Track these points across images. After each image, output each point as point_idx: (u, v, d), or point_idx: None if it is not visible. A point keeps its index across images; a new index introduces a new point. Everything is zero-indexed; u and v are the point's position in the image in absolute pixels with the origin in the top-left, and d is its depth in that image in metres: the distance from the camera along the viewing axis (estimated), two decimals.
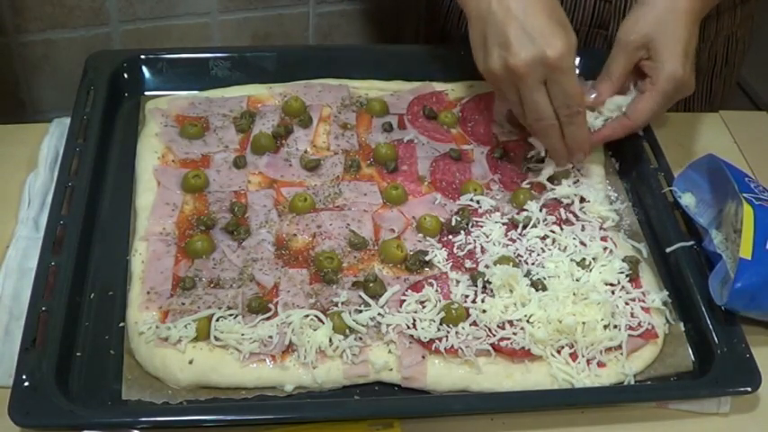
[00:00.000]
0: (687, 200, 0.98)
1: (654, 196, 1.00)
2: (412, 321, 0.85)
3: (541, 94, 0.93)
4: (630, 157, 1.06)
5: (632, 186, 1.04)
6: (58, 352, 0.80)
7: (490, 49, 0.93)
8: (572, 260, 0.92)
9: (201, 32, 1.69)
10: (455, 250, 0.92)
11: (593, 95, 1.00)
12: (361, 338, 0.84)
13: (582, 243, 0.94)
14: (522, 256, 0.92)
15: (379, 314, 0.85)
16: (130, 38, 1.65)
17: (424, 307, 0.86)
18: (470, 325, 0.85)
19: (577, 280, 0.90)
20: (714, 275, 0.89)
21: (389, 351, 0.83)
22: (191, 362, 0.81)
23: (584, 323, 0.85)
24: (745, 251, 0.86)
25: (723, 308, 0.87)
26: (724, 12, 1.22)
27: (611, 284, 0.90)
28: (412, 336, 0.84)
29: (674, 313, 0.90)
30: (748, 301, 0.85)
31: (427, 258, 0.91)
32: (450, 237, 0.94)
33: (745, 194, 0.90)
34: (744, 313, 0.88)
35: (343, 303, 0.86)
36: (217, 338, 0.82)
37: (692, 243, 0.94)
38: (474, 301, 0.87)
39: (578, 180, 1.01)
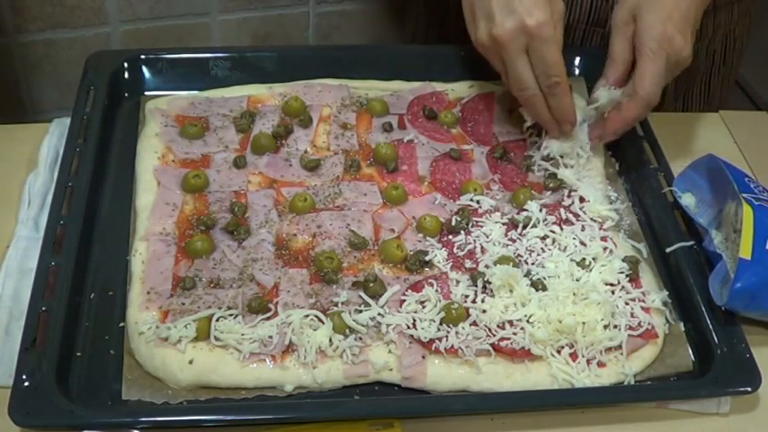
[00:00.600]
0: (687, 200, 0.98)
1: (654, 196, 1.00)
2: (412, 321, 0.85)
3: (522, 62, 0.96)
4: (630, 157, 1.06)
5: (632, 186, 1.04)
6: (58, 352, 0.80)
7: (478, 21, 0.97)
8: (572, 260, 0.92)
9: (201, 32, 1.69)
10: (455, 250, 0.92)
11: (602, 83, 1.01)
12: (361, 338, 0.84)
13: (582, 243, 0.94)
14: (522, 256, 0.92)
15: (379, 314, 0.85)
16: (130, 38, 1.66)
17: (424, 307, 0.86)
18: (470, 325, 0.85)
19: (577, 280, 0.90)
20: (714, 275, 0.89)
21: (389, 351, 0.83)
22: (191, 362, 0.81)
23: (584, 323, 0.85)
24: (745, 251, 0.86)
25: (723, 308, 0.86)
26: (721, 8, 1.22)
27: (611, 284, 0.90)
28: (412, 336, 0.84)
29: (674, 313, 0.90)
30: (748, 301, 0.85)
31: (427, 258, 0.91)
32: (450, 237, 0.94)
33: (744, 194, 0.90)
34: (744, 313, 0.88)
35: (343, 303, 0.86)
36: (217, 338, 0.82)
37: (691, 243, 0.94)
38: (474, 301, 0.87)
39: (579, 180, 1.01)
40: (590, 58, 1.07)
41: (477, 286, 0.88)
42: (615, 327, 0.86)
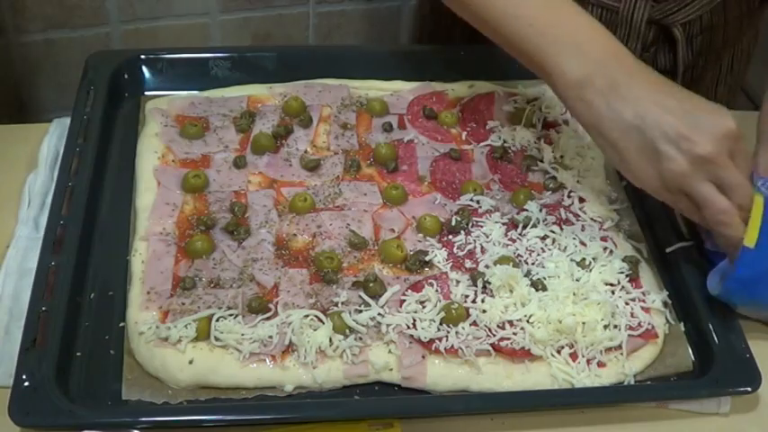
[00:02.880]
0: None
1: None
2: (412, 321, 0.85)
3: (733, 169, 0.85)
4: None
5: (632, 186, 1.04)
6: (58, 352, 0.80)
7: (667, 153, 0.84)
8: (572, 260, 0.92)
9: (201, 32, 1.70)
10: (455, 250, 0.92)
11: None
12: (361, 338, 0.84)
13: (582, 243, 0.94)
14: (522, 256, 0.92)
15: (379, 314, 0.85)
16: (130, 38, 1.66)
17: (424, 307, 0.86)
18: (470, 325, 0.85)
19: (577, 280, 0.90)
20: (715, 272, 0.88)
21: (389, 351, 0.83)
22: (191, 362, 0.81)
23: (584, 323, 0.85)
24: (750, 240, 0.84)
25: (719, 297, 0.86)
26: (730, 22, 1.22)
27: (611, 284, 0.90)
28: (412, 336, 0.84)
29: (673, 313, 0.90)
30: (746, 290, 0.84)
31: (427, 258, 0.91)
32: (451, 237, 0.94)
33: (758, 184, 0.88)
34: (740, 307, 0.87)
35: (343, 303, 0.86)
36: (217, 338, 0.82)
37: (692, 243, 0.94)
38: (474, 301, 0.87)
39: (579, 180, 1.01)
40: None
41: (477, 286, 0.88)
42: (615, 327, 0.86)
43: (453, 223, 0.95)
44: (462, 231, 0.94)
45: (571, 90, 0.90)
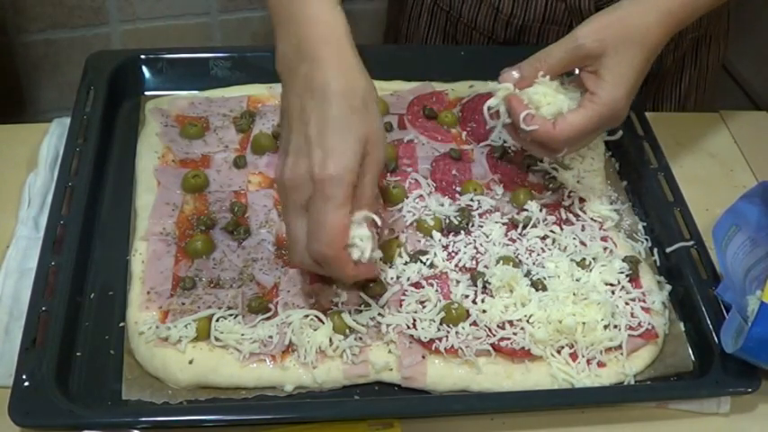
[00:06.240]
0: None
1: (654, 196, 1.00)
2: (412, 321, 0.85)
3: (297, 218, 0.77)
4: (630, 157, 1.06)
5: (632, 186, 1.04)
6: (58, 352, 0.80)
7: (280, 156, 0.80)
8: (572, 260, 0.92)
9: (201, 32, 1.69)
10: (455, 250, 0.92)
11: (516, 74, 0.92)
12: (361, 338, 0.84)
13: (582, 243, 0.94)
14: (522, 256, 0.92)
15: (379, 314, 0.85)
16: (130, 38, 1.66)
17: (424, 307, 0.86)
18: (470, 325, 0.85)
19: (577, 280, 0.90)
20: (727, 329, 0.83)
21: (389, 351, 0.83)
22: (191, 362, 0.81)
23: (584, 323, 0.85)
24: None
25: (735, 355, 0.81)
26: None
27: (612, 284, 0.90)
28: (412, 336, 0.84)
29: (673, 313, 0.90)
30: (761, 349, 0.79)
31: (427, 258, 0.91)
32: (451, 237, 0.94)
33: None
34: (757, 362, 0.82)
35: (343, 303, 0.86)
36: (217, 338, 0.82)
37: (692, 243, 0.94)
38: (474, 301, 0.87)
39: (579, 180, 1.01)
40: None
41: (477, 286, 0.88)
42: (615, 327, 0.86)
43: (453, 223, 0.95)
44: (462, 231, 0.94)
45: (276, 65, 0.86)
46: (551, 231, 0.95)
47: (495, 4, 1.18)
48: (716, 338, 0.85)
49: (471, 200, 0.98)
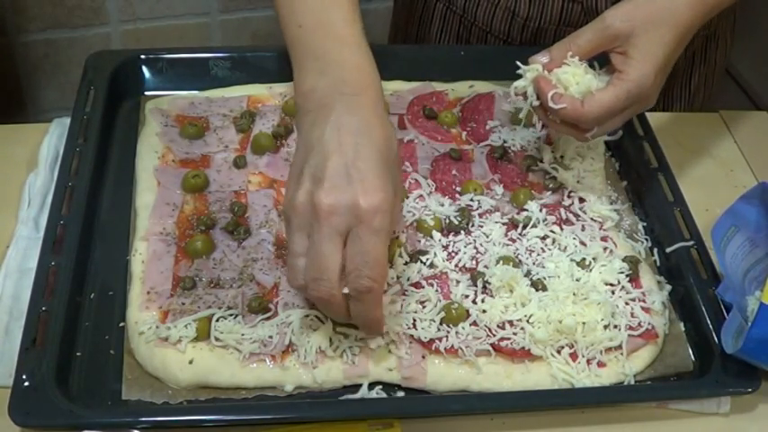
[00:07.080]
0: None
1: (654, 196, 1.00)
2: (412, 321, 0.85)
3: (333, 245, 0.75)
4: (630, 157, 1.06)
5: (632, 186, 1.04)
6: (58, 352, 0.80)
7: (303, 180, 0.77)
8: (572, 260, 0.92)
9: (201, 32, 1.70)
10: (455, 250, 0.92)
11: (545, 58, 0.93)
12: (361, 338, 0.84)
13: (582, 243, 0.94)
14: (522, 256, 0.92)
15: None
16: (130, 38, 1.66)
17: (424, 307, 0.86)
18: (470, 325, 0.85)
19: (577, 280, 0.90)
20: (727, 330, 0.83)
21: (389, 351, 0.83)
22: (191, 362, 0.81)
23: (584, 323, 0.85)
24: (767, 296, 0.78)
25: (734, 355, 0.81)
26: None
27: (612, 284, 0.90)
28: (412, 336, 0.84)
29: (673, 313, 0.90)
30: (761, 350, 0.79)
31: (427, 258, 0.91)
32: (451, 237, 0.94)
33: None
34: (757, 363, 0.82)
35: None
36: (217, 338, 0.82)
37: (692, 243, 0.94)
38: (474, 301, 0.87)
39: (579, 180, 1.01)
40: None
41: (477, 286, 0.88)
42: (615, 327, 0.86)
43: (453, 223, 0.95)
44: (462, 231, 0.94)
45: (299, 97, 0.86)
46: (551, 231, 0.95)
47: (512, 7, 1.18)
48: (716, 338, 0.85)
49: (471, 200, 0.98)
